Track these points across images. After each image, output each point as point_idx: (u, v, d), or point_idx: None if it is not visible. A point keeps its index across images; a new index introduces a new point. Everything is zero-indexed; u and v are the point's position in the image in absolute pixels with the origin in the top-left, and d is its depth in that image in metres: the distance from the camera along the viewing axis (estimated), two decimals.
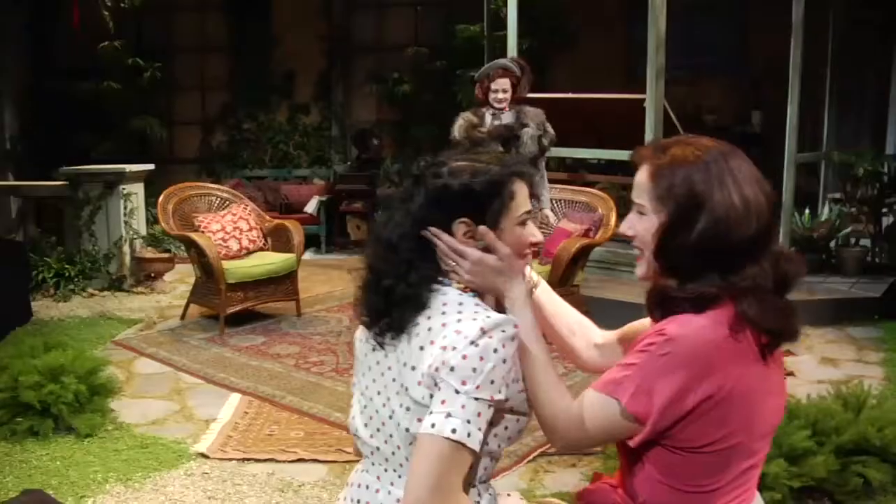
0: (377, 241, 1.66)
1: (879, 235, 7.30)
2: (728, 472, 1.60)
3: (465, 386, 1.47)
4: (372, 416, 1.66)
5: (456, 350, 1.48)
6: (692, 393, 1.51)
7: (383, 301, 1.61)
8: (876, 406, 3.85)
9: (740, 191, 1.55)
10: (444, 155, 1.69)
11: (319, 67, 11.00)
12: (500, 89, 5.45)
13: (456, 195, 1.61)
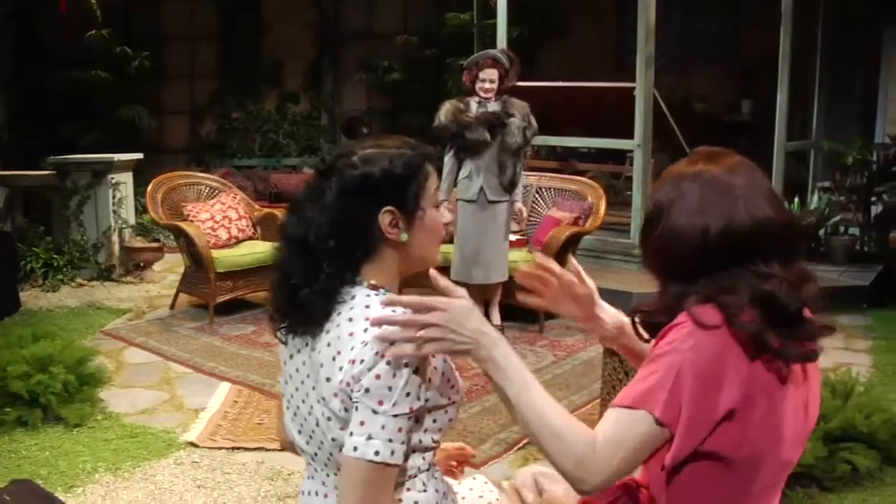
0: (288, 242, 1.59)
1: (868, 224, 7.34)
2: (758, 482, 1.55)
3: (383, 406, 1.44)
4: (302, 423, 1.62)
5: (363, 363, 1.45)
6: (724, 392, 1.46)
7: (288, 302, 1.58)
8: (863, 393, 3.88)
9: (705, 209, 1.53)
10: (344, 147, 1.64)
11: (309, 56, 10.98)
12: (488, 79, 5.43)
13: (377, 183, 1.55)
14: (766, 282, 1.50)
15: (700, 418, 1.46)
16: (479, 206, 5.48)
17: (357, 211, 1.55)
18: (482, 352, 1.50)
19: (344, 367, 1.48)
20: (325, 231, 1.53)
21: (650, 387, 1.47)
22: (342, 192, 1.55)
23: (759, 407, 1.48)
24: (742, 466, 1.52)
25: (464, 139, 5.43)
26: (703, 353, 1.46)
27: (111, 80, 9.65)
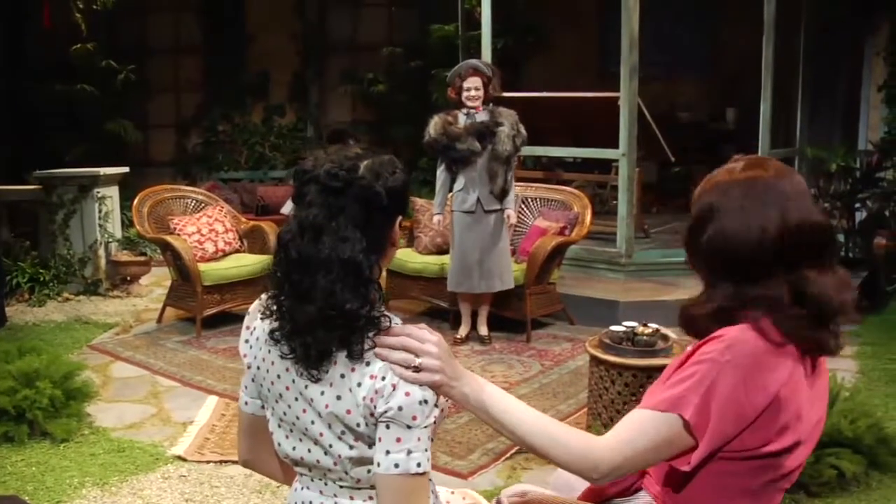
0: (328, 266, 1.49)
1: (853, 230, 7.38)
2: (777, 475, 1.62)
3: (416, 420, 1.47)
4: (301, 437, 1.61)
5: (386, 380, 1.47)
6: (755, 397, 1.53)
7: (339, 328, 1.49)
8: (849, 398, 3.91)
9: (761, 212, 1.60)
10: (329, 159, 1.56)
11: (294, 68, 10.99)
12: (473, 87, 5.48)
13: (398, 195, 1.57)
14: (812, 284, 1.57)
15: (729, 426, 1.52)
16: (477, 217, 5.53)
17: (382, 223, 1.56)
18: (466, 391, 1.56)
19: (364, 382, 1.49)
20: (365, 245, 1.51)
21: (682, 392, 1.54)
22: (369, 206, 1.52)
23: (790, 407, 1.55)
24: (765, 462, 1.58)
25: (455, 151, 5.46)
26: (741, 361, 1.53)
27: (97, 93, 9.64)
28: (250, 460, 1.83)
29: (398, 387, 1.47)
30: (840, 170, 7.33)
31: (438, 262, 6.13)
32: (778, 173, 1.66)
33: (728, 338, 1.55)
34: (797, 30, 8.17)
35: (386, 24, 11.12)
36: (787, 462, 1.60)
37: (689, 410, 1.52)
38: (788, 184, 1.63)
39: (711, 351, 1.55)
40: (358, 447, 1.52)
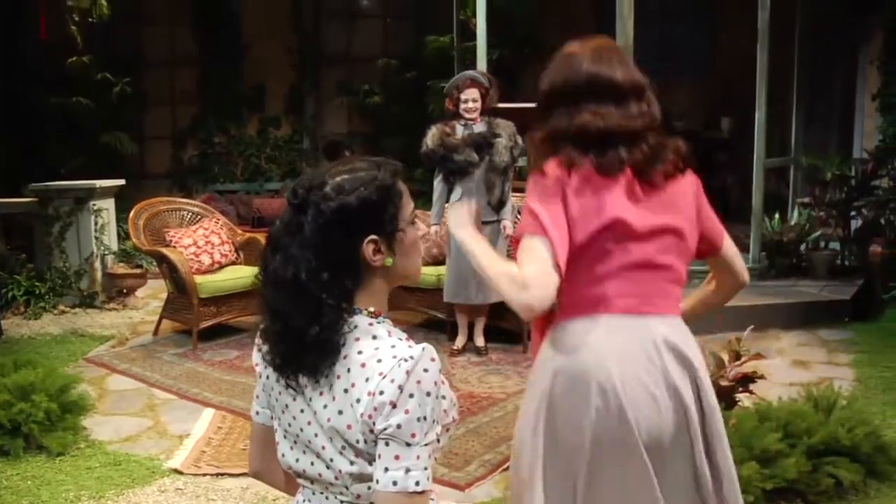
0: (278, 283, 1.51)
1: (848, 238, 7.39)
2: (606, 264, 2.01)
3: (415, 438, 1.46)
4: (304, 450, 1.60)
5: (384, 396, 1.46)
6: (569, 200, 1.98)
7: (294, 347, 1.51)
8: (846, 407, 3.90)
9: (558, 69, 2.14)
10: (312, 176, 1.58)
11: (290, 80, 11.01)
12: (470, 98, 5.48)
13: (355, 213, 1.53)
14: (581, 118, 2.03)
15: (560, 225, 1.97)
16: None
17: (340, 242, 1.53)
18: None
19: (362, 399, 1.48)
20: (314, 265, 1.49)
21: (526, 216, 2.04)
22: (322, 225, 1.51)
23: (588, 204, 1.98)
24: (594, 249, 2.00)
25: (452, 162, 5.46)
26: (540, 185, 2.02)
27: (93, 106, 9.65)
28: (260, 471, 1.82)
29: (398, 404, 1.46)
30: (835, 178, 7.34)
31: (435, 272, 6.12)
32: (583, 43, 2.14)
33: (533, 176, 2.06)
34: (792, 38, 8.20)
35: (381, 35, 11.15)
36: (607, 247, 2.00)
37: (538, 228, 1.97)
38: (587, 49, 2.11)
39: (530, 188, 2.05)
40: (358, 463, 1.51)
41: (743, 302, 6.39)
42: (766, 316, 6.17)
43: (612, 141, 2.00)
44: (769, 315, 6.23)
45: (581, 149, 2.01)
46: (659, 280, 2.04)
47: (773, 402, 3.93)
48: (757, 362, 4.17)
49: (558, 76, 2.10)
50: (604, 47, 2.12)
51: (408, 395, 1.46)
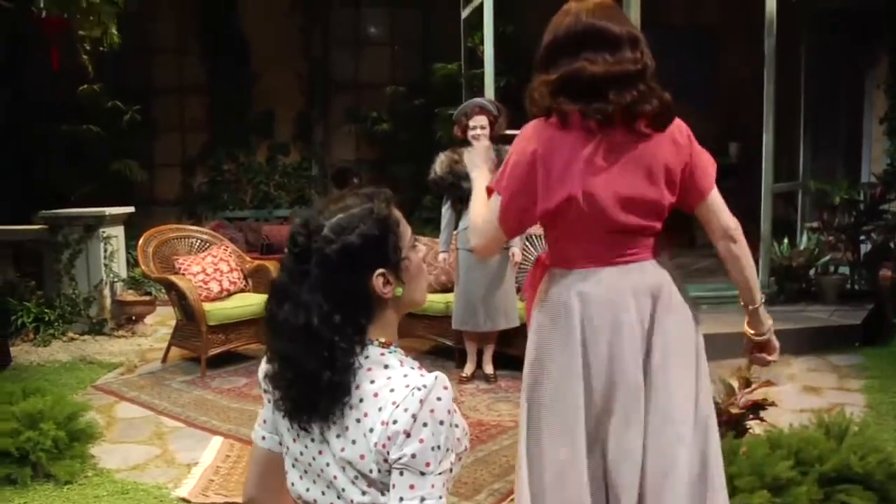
0: (290, 331, 1.52)
1: (858, 262, 7.37)
2: (575, 229, 2.27)
3: (430, 467, 1.47)
4: (315, 479, 1.60)
5: (397, 425, 1.46)
6: (538, 171, 2.24)
7: (307, 392, 1.52)
8: (858, 433, 3.86)
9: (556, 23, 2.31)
10: (306, 220, 1.58)
11: (298, 107, 11.07)
12: (479, 125, 5.50)
13: (360, 249, 1.54)
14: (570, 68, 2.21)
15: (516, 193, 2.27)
16: None
17: (349, 282, 1.54)
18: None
19: (375, 428, 1.48)
20: (326, 309, 1.50)
21: (499, 177, 2.36)
22: (328, 268, 1.52)
23: (556, 176, 2.22)
24: (575, 216, 2.23)
25: (461, 189, 5.48)
26: (518, 150, 2.30)
27: (103, 133, 9.71)
28: (255, 498, 1.80)
29: (412, 433, 1.46)
30: (844, 202, 7.34)
31: (443, 300, 6.12)
32: (583, 4, 2.29)
33: (519, 135, 2.36)
34: (798, 63, 8.23)
35: (389, 62, 11.22)
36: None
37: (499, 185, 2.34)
38: (580, 6, 2.27)
39: (513, 145, 2.36)
40: (370, 493, 1.51)
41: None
42: None
43: (606, 85, 2.17)
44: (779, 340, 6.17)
45: (574, 98, 2.19)
46: (625, 238, 2.28)
47: (784, 429, 3.90)
48: (767, 389, 4.15)
49: (560, 28, 2.26)
50: (601, 4, 2.29)
51: (421, 423, 1.46)
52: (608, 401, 2.25)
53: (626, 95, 2.17)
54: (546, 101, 2.24)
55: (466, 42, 8.91)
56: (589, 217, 2.22)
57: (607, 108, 2.16)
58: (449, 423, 1.51)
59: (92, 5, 6.09)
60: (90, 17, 6.29)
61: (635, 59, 2.22)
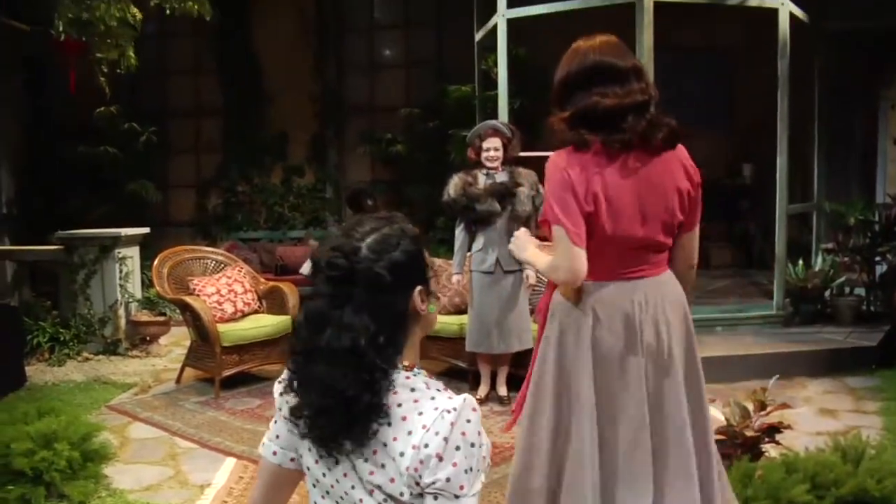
0: (333, 356, 1.50)
1: (873, 284, 7.33)
2: (601, 243, 2.46)
3: (464, 490, 1.48)
4: (338, 501, 1.60)
5: (429, 448, 1.46)
6: (575, 189, 2.40)
7: (343, 418, 1.50)
8: (875, 457, 3.82)
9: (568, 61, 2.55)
10: (338, 244, 1.57)
11: (313, 129, 11.12)
12: (493, 147, 5.51)
13: (404, 266, 1.55)
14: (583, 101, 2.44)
15: (571, 211, 2.40)
16: (496, 277, 5.52)
17: (395, 300, 1.55)
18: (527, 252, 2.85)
19: (406, 452, 1.48)
20: (373, 329, 1.50)
21: (548, 207, 2.48)
22: (374, 288, 1.52)
23: (585, 194, 2.40)
24: (600, 233, 2.43)
25: (474, 211, 5.49)
26: (553, 179, 2.45)
27: (119, 155, 9.79)
28: None
29: (444, 457, 1.46)
30: (859, 223, 7.32)
31: (457, 321, 6.12)
32: (588, 40, 2.54)
33: (549, 165, 2.49)
34: (811, 84, 8.23)
35: (403, 84, 11.27)
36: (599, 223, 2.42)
37: (556, 218, 2.44)
38: (587, 45, 2.52)
39: (546, 177, 2.49)
40: None
41: (767, 349, 6.35)
42: (791, 363, 6.11)
43: (620, 116, 2.41)
44: (794, 363, 6.17)
45: (592, 129, 2.42)
46: (646, 254, 2.52)
47: (800, 453, 3.87)
48: (783, 411, 4.13)
49: (572, 67, 2.51)
50: (606, 42, 2.53)
51: (454, 447, 1.47)
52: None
53: (640, 123, 2.41)
54: (566, 135, 2.46)
55: (480, 64, 8.95)
56: (611, 233, 2.43)
57: (625, 136, 2.40)
58: (479, 444, 1.51)
59: (109, 29, 6.17)
60: (107, 41, 6.37)
61: (642, 89, 2.47)
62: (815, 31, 7.88)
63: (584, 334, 2.53)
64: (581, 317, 2.54)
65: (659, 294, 2.55)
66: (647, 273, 2.55)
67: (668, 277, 2.61)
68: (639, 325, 2.50)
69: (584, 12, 6.91)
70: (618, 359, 2.51)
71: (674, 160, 2.52)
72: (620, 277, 2.53)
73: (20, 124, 10.07)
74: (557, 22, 7.35)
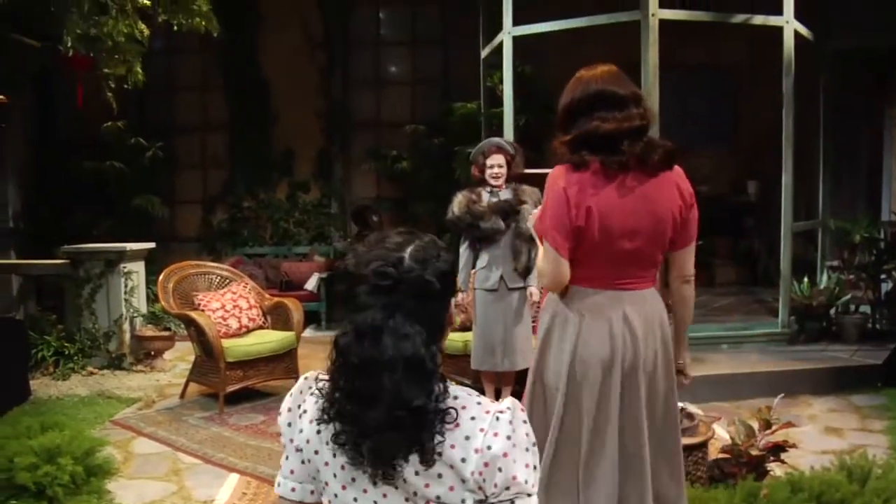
0: (396, 366, 1.46)
1: (879, 301, 7.31)
2: (593, 255, 2.67)
3: (534, 487, 1.51)
4: None
5: (493, 449, 1.48)
6: (571, 204, 2.62)
7: (415, 428, 1.46)
8: (881, 477, 3.81)
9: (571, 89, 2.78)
10: (379, 255, 1.54)
11: (319, 145, 11.15)
12: (496, 164, 5.52)
13: (448, 276, 1.57)
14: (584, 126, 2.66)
15: (562, 226, 2.63)
16: (500, 295, 5.51)
17: (440, 308, 1.57)
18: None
19: (469, 458, 1.48)
20: (426, 336, 1.49)
21: (543, 223, 2.75)
22: (424, 296, 1.52)
23: (581, 210, 2.59)
24: (590, 244, 2.64)
25: (478, 229, 5.49)
26: (552, 192, 2.67)
27: (125, 170, 9.82)
28: None
29: (511, 456, 1.48)
30: (864, 241, 7.31)
31: (462, 338, 6.11)
32: (591, 69, 2.76)
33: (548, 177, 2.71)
34: (816, 102, 8.23)
35: (409, 101, 11.30)
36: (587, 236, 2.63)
37: (545, 236, 2.72)
38: (589, 74, 2.74)
39: (546, 189, 2.73)
40: None
41: (772, 367, 6.33)
42: (796, 381, 6.09)
43: (619, 139, 2.59)
44: (799, 380, 6.15)
45: (593, 150, 2.61)
46: (632, 267, 2.71)
47: (806, 472, 3.85)
48: (788, 430, 4.11)
49: (575, 94, 2.71)
50: (608, 71, 2.74)
51: (519, 446, 1.50)
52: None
53: (637, 146, 2.61)
54: (568, 157, 2.66)
55: (486, 81, 8.98)
56: (602, 245, 2.63)
57: (623, 157, 2.60)
58: (535, 443, 1.54)
59: (117, 44, 6.19)
60: (115, 56, 6.39)
61: (641, 114, 2.66)
62: (820, 49, 7.89)
63: (569, 333, 2.74)
64: (568, 317, 2.76)
65: (643, 307, 2.74)
66: (633, 286, 2.74)
67: (651, 294, 2.80)
68: (621, 334, 2.69)
69: (589, 30, 6.93)
70: (598, 363, 2.69)
71: (669, 181, 2.70)
72: (609, 287, 2.72)
73: (28, 138, 10.11)
74: (563, 39, 7.40)
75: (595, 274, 2.71)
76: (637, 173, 2.63)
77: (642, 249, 2.68)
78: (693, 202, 2.75)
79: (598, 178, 2.62)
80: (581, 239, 2.64)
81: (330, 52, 11.02)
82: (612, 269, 2.70)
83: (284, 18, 10.78)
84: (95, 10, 6.04)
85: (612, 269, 2.70)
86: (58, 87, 9.85)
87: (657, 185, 2.67)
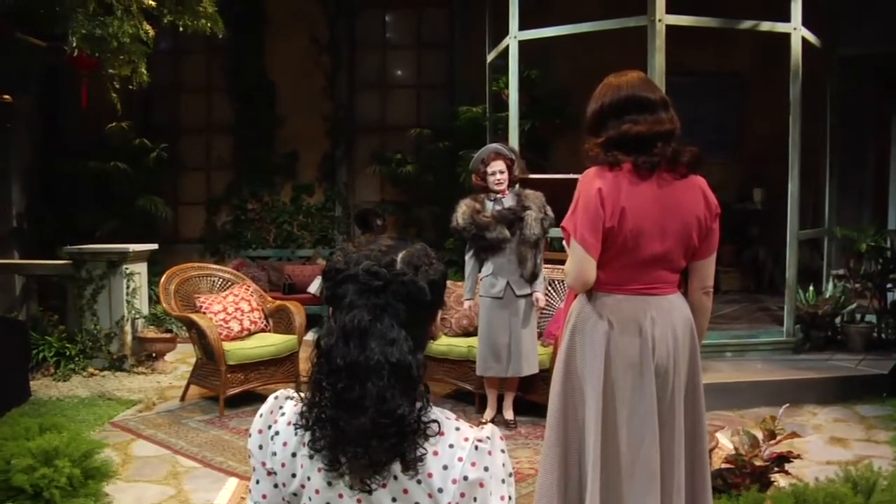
0: (380, 370, 1.40)
1: (885, 311, 7.26)
2: (623, 258, 2.74)
3: None
4: None
5: (469, 479, 1.44)
6: (605, 205, 2.67)
7: (397, 437, 1.41)
8: (887, 489, 3.77)
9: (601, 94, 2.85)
10: (363, 255, 1.49)
11: (323, 148, 11.13)
12: (498, 170, 5.49)
13: (438, 284, 1.52)
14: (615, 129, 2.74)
15: (593, 228, 2.68)
16: (506, 302, 5.48)
17: (426, 317, 1.52)
18: None
19: (446, 488, 1.43)
20: (411, 345, 1.44)
21: (570, 222, 2.81)
22: (413, 303, 1.47)
23: (614, 212, 2.66)
24: (620, 246, 2.70)
25: (484, 240, 5.45)
26: (584, 187, 2.75)
27: (129, 171, 9.80)
28: None
29: (486, 486, 1.44)
30: (870, 249, 7.26)
31: (465, 344, 6.08)
32: (619, 76, 2.84)
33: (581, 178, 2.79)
34: (823, 109, 8.20)
35: (414, 105, 11.28)
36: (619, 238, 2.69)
37: (573, 234, 2.76)
38: (617, 80, 2.82)
39: (578, 190, 2.80)
40: None
41: (777, 376, 6.29)
42: (801, 391, 6.06)
43: (650, 142, 2.68)
44: (804, 390, 6.11)
45: (625, 152, 2.69)
46: (660, 270, 2.76)
47: (810, 483, 3.81)
48: (792, 440, 4.07)
49: (605, 99, 2.79)
50: (637, 76, 2.84)
51: (496, 478, 1.46)
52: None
53: (668, 148, 2.70)
54: (600, 158, 2.73)
55: (491, 86, 8.96)
56: (632, 246, 2.69)
57: (654, 159, 2.69)
58: (512, 473, 1.51)
59: (122, 45, 6.17)
60: (120, 56, 6.38)
61: (670, 118, 2.76)
62: (828, 57, 7.86)
63: (598, 341, 2.76)
64: (596, 325, 2.78)
65: (669, 312, 2.77)
66: (660, 291, 2.78)
67: (678, 298, 2.84)
68: (651, 338, 2.71)
69: (595, 35, 6.91)
70: (631, 367, 2.72)
71: (696, 187, 2.78)
72: (635, 292, 2.76)
73: (32, 138, 10.10)
74: (569, 44, 7.37)
75: (623, 278, 2.76)
76: (666, 175, 2.73)
77: (671, 251, 2.74)
78: (718, 213, 2.83)
79: (630, 179, 2.69)
80: (611, 241, 2.69)
81: (336, 55, 11.00)
82: (640, 273, 2.75)
83: (290, 21, 10.78)
84: (101, 10, 6.03)
85: (641, 273, 2.75)
86: (63, 88, 9.85)
87: (685, 188, 2.75)
